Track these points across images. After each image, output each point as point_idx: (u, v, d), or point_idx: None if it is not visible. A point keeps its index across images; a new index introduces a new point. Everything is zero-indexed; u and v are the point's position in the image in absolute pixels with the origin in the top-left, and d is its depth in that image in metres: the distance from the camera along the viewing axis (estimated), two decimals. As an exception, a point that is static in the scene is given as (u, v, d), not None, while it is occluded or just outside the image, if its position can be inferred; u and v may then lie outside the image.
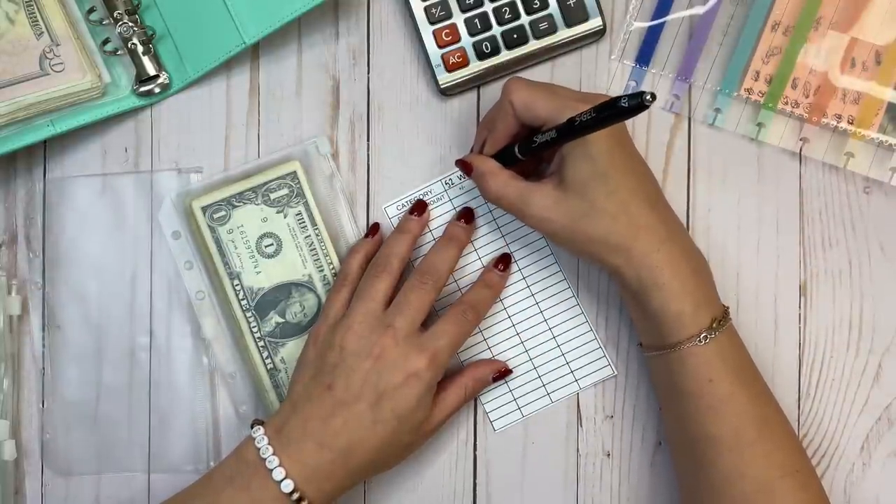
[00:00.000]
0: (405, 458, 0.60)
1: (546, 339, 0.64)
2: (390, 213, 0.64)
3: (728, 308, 0.57)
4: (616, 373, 0.64)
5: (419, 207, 0.63)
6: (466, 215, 0.63)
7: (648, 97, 0.46)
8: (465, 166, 0.60)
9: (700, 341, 0.55)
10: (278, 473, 0.55)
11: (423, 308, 0.59)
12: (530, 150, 0.57)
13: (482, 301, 0.62)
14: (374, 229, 0.63)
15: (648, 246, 0.55)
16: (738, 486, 0.55)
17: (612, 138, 0.56)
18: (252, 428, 0.58)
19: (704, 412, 0.55)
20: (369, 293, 0.59)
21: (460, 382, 0.61)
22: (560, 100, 0.56)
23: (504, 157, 0.59)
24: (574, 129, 0.53)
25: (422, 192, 0.64)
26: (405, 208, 0.64)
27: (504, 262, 0.63)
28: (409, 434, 0.58)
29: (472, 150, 0.62)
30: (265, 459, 0.55)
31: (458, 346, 0.60)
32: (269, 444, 0.56)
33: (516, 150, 0.58)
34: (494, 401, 0.64)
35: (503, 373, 0.63)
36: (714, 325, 0.55)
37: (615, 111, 0.49)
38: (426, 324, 0.59)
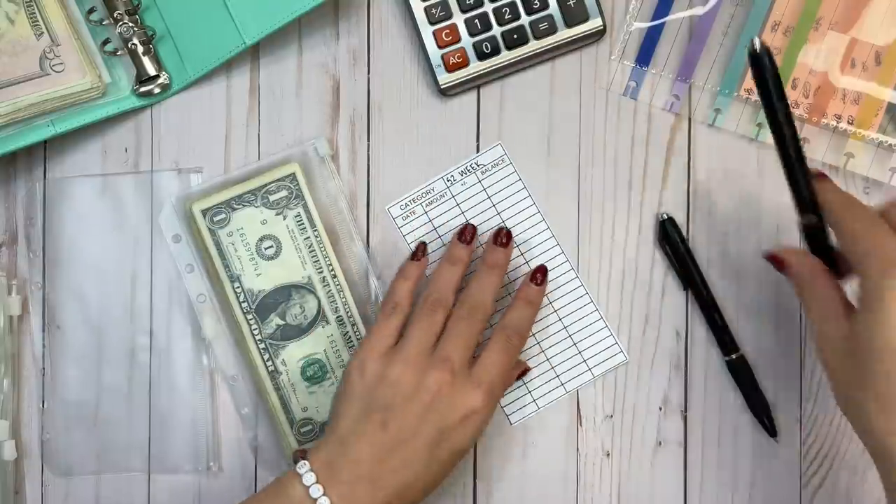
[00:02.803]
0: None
1: (557, 329, 0.64)
2: (394, 213, 0.64)
3: None
4: (628, 359, 0.63)
5: (468, 233, 0.61)
6: (505, 235, 0.61)
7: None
8: (777, 262, 0.54)
9: None
10: None
11: (473, 341, 0.58)
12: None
13: (524, 321, 0.60)
14: (421, 250, 0.61)
15: None
16: None
17: None
18: (296, 463, 0.55)
19: None
20: (426, 327, 0.58)
21: None
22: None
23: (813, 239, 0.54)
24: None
25: (424, 190, 0.64)
26: (408, 208, 0.64)
27: (541, 273, 0.61)
28: (455, 467, 0.57)
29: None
30: (316, 500, 0.53)
31: (508, 373, 0.59)
32: (317, 482, 0.54)
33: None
34: (508, 395, 0.64)
35: (522, 372, 0.62)
36: None
37: None
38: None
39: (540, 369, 0.64)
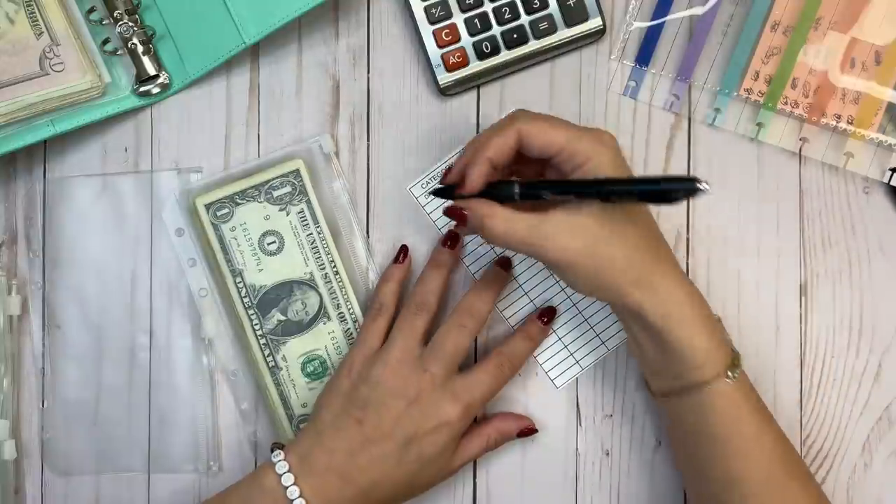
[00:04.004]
0: (417, 496, 0.59)
1: None
2: (416, 192, 0.64)
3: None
4: None
5: (452, 239, 0.62)
6: (506, 262, 0.62)
7: (704, 185, 0.44)
8: (457, 215, 0.55)
9: (728, 379, 0.54)
10: None
11: (460, 351, 0.58)
12: (531, 195, 0.54)
13: (520, 353, 0.61)
14: (403, 253, 0.63)
15: (672, 281, 0.54)
16: None
17: (624, 171, 0.54)
18: (272, 452, 0.57)
19: (733, 455, 0.54)
20: (408, 330, 0.59)
21: (484, 433, 0.61)
22: (574, 130, 0.54)
23: (495, 194, 0.55)
24: (601, 192, 0.51)
25: (444, 165, 0.64)
26: (429, 187, 0.64)
27: (548, 315, 0.63)
28: (428, 477, 0.58)
29: (445, 175, 0.58)
30: (286, 488, 0.55)
31: (492, 397, 0.59)
32: (290, 471, 0.55)
33: (516, 191, 0.54)
34: (551, 359, 0.64)
35: (528, 431, 0.62)
36: (735, 361, 0.54)
37: (659, 195, 0.47)
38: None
39: (579, 330, 0.64)
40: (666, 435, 0.63)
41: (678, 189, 0.47)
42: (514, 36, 0.63)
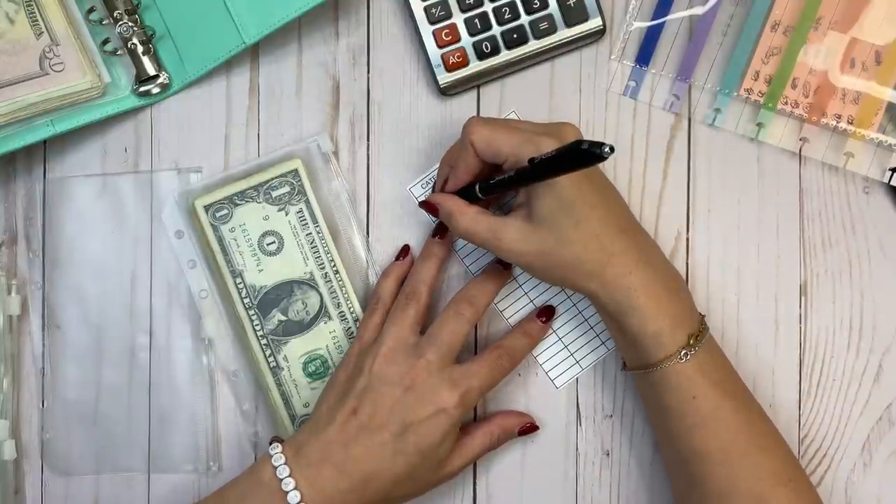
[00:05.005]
0: (421, 496, 0.59)
1: None
2: (416, 192, 0.64)
3: (704, 317, 0.57)
4: None
5: (441, 230, 0.63)
6: (505, 261, 0.62)
7: (607, 149, 0.45)
8: (430, 208, 0.60)
9: (681, 359, 0.55)
10: (294, 497, 0.54)
11: (457, 340, 0.58)
12: (490, 190, 0.57)
13: (519, 349, 0.61)
14: (404, 251, 0.63)
15: (621, 270, 0.55)
16: (732, 500, 0.55)
17: None
18: (270, 445, 0.57)
19: (691, 429, 0.55)
20: (399, 320, 0.59)
21: (487, 430, 0.61)
22: (521, 134, 0.56)
23: (466, 194, 0.59)
24: (533, 175, 0.53)
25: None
26: (429, 187, 0.64)
27: (547, 314, 0.63)
28: (428, 471, 0.58)
29: (433, 188, 0.63)
30: (281, 481, 0.55)
31: (489, 389, 0.59)
32: (286, 464, 0.55)
33: (477, 190, 0.58)
34: (551, 359, 0.64)
35: (530, 428, 0.62)
36: (692, 341, 0.55)
37: (574, 157, 0.48)
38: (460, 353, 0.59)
39: (580, 330, 0.64)
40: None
41: (587, 148, 0.47)
42: (514, 36, 0.63)
